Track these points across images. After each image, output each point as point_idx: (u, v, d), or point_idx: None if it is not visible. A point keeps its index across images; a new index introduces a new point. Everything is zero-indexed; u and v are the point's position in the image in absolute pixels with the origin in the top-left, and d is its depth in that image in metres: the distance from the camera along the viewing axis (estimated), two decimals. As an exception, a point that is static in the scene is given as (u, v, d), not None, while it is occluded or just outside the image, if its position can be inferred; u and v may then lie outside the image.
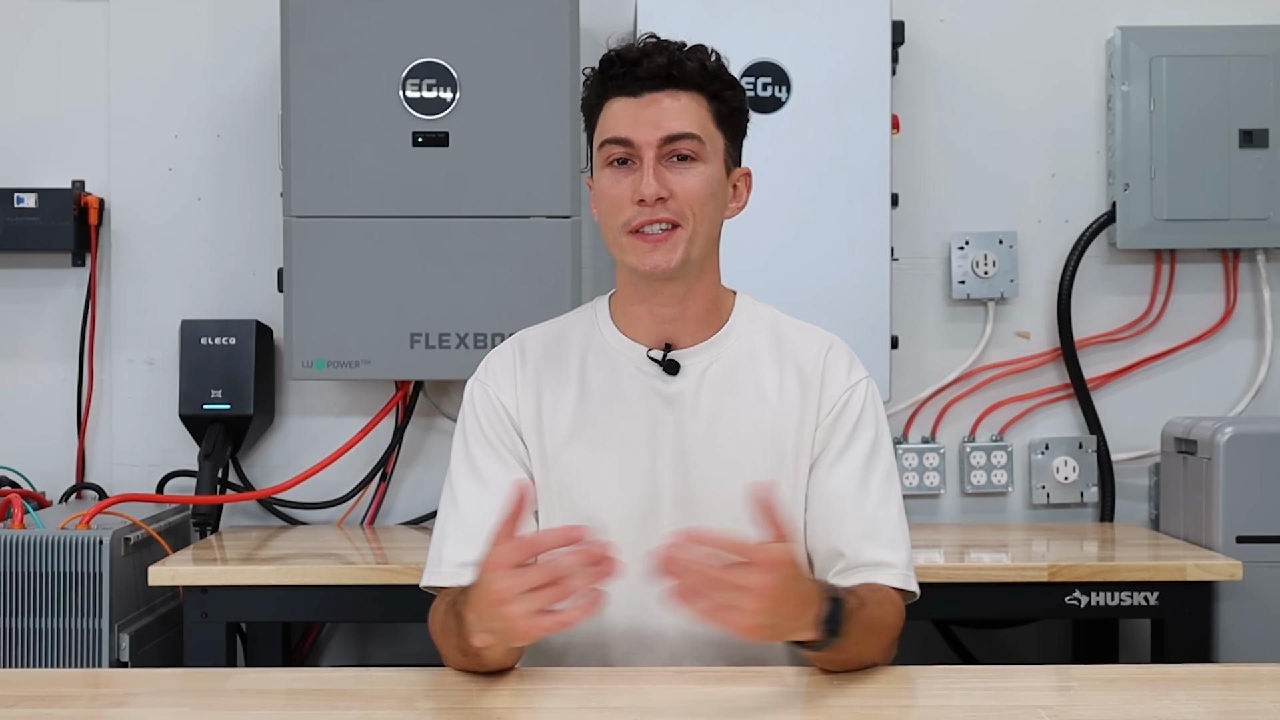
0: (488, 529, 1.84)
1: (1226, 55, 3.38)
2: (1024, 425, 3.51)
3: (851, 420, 2.05)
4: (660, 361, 2.04)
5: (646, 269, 1.96)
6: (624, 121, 1.96)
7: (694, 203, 1.96)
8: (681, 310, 2.03)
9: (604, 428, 2.03)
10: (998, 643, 3.52)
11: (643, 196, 1.93)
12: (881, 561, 2.00)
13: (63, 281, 3.48)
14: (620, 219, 1.96)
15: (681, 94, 1.97)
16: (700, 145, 1.97)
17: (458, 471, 2.06)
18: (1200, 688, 1.90)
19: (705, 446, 2.02)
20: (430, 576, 2.03)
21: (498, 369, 2.09)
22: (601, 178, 1.99)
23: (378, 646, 3.55)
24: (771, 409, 2.04)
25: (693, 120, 1.97)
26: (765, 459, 2.02)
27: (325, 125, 3.16)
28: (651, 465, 2.02)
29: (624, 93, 1.97)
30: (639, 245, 1.96)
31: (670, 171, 1.96)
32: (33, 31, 3.48)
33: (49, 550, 2.85)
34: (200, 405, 3.34)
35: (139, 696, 1.88)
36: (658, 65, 1.95)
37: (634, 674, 1.95)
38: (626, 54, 1.97)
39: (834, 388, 2.05)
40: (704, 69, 1.98)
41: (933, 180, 3.48)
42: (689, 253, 1.97)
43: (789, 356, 2.06)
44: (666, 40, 2.00)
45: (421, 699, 1.83)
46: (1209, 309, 3.50)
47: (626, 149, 1.96)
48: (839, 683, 1.89)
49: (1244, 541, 3.00)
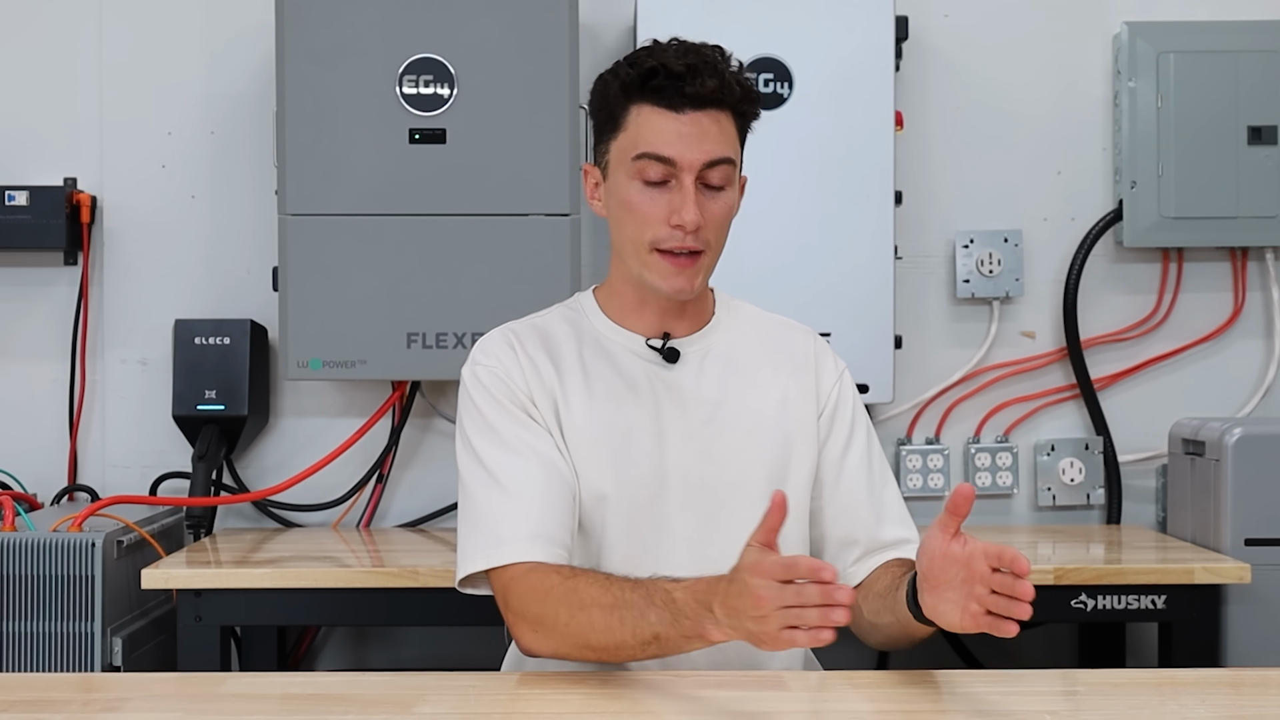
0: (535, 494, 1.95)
1: (1235, 51, 3.37)
2: (1029, 426, 3.50)
3: (848, 410, 2.15)
4: (660, 350, 2.09)
5: (668, 290, 2.02)
6: (666, 138, 1.97)
7: (718, 229, 2.02)
8: (680, 309, 2.11)
9: (610, 413, 2.06)
10: (1003, 646, 3.50)
11: (682, 223, 1.97)
12: (901, 539, 2.10)
13: (54, 280, 3.47)
14: (649, 235, 2.00)
15: (722, 115, 2.00)
16: (733, 170, 2.02)
17: (487, 454, 2.02)
18: (1208, 692, 1.90)
19: (712, 429, 2.07)
20: (489, 558, 1.97)
21: (497, 351, 2.09)
22: (631, 190, 2.00)
23: (374, 650, 3.55)
24: (769, 393, 2.11)
25: (729, 144, 2.01)
26: (770, 439, 2.09)
27: (321, 122, 3.15)
28: (659, 449, 2.05)
29: (664, 105, 1.97)
30: (663, 266, 2.00)
31: (704, 196, 2.00)
32: (24, 26, 3.47)
33: (40, 553, 2.83)
34: (194, 406, 3.33)
35: (131, 701, 1.88)
36: (710, 89, 1.96)
37: (633, 677, 1.95)
38: (671, 65, 1.97)
39: (827, 376, 2.15)
40: (744, 90, 2.01)
41: (937, 177, 3.47)
42: (706, 277, 2.06)
43: (779, 346, 2.15)
44: (704, 49, 2.00)
45: (419, 704, 1.83)
46: (1217, 308, 3.49)
47: (667, 168, 1.98)
48: (840, 687, 1.89)
49: (1253, 544, 2.99)
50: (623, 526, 2.03)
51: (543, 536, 1.96)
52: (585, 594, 1.88)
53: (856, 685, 1.89)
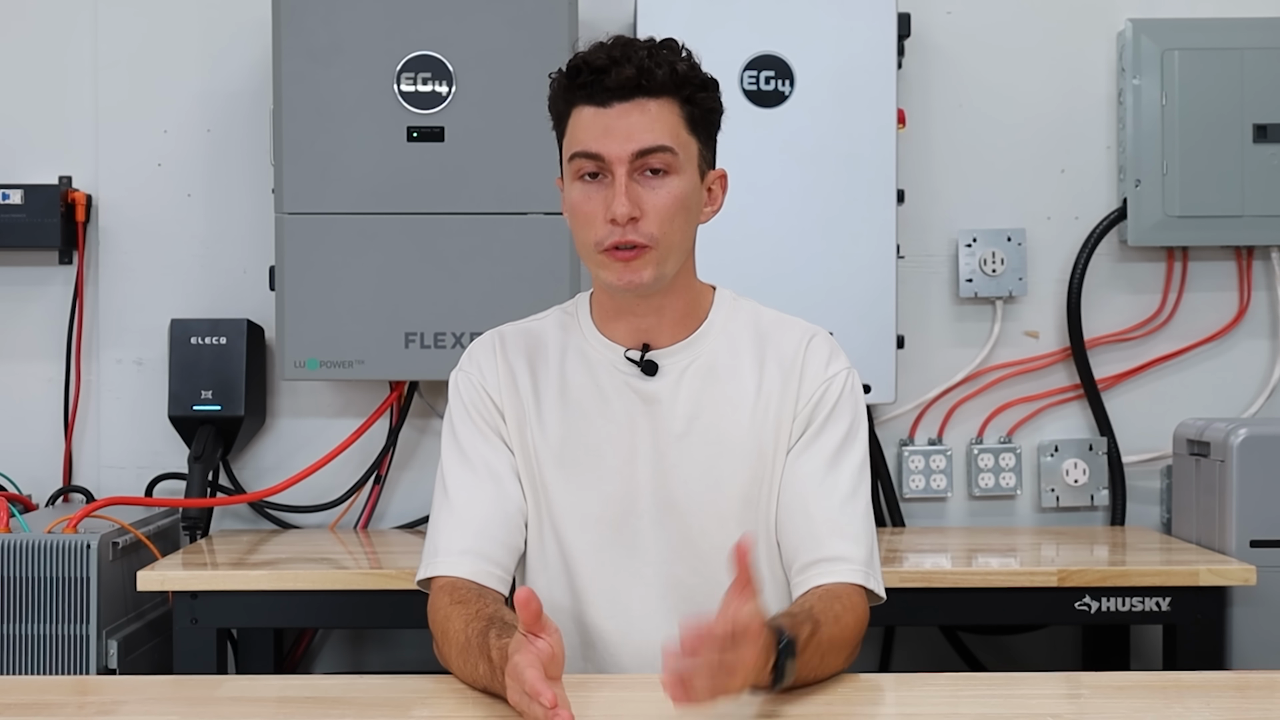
0: (478, 511, 1.99)
1: (1240, 48, 3.36)
2: (1033, 427, 3.49)
3: (825, 410, 2.05)
4: (638, 362, 2.04)
5: (621, 285, 1.96)
6: (593, 134, 1.94)
7: (664, 220, 1.95)
8: (658, 315, 2.04)
9: (582, 428, 2.04)
10: (1006, 649, 3.51)
11: (614, 216, 1.92)
12: (839, 556, 1.99)
13: (49, 280, 3.46)
14: (593, 236, 1.96)
15: (651, 103, 1.94)
16: (673, 157, 1.95)
17: (447, 465, 2.07)
18: (1213, 695, 1.89)
19: (684, 447, 2.03)
20: (426, 569, 2.02)
21: (481, 358, 2.10)
22: (573, 190, 1.98)
23: (372, 653, 3.54)
24: (751, 406, 2.04)
25: (664, 131, 1.95)
26: (744, 459, 2.03)
27: (318, 120, 3.16)
28: (630, 466, 2.03)
29: (592, 102, 1.95)
30: (611, 264, 1.96)
31: (642, 187, 1.94)
32: (18, 22, 3.46)
33: (35, 554, 2.83)
34: (190, 406, 3.33)
35: (127, 705, 1.87)
36: (626, 77, 1.92)
37: (624, 681, 1.95)
38: (594, 60, 1.94)
39: (812, 379, 2.06)
40: (674, 73, 1.95)
41: (939, 176, 3.46)
42: (660, 270, 1.97)
43: (770, 349, 2.07)
44: (635, 42, 1.97)
45: (417, 707, 1.82)
46: (1222, 308, 3.48)
47: (597, 163, 1.95)
48: (842, 690, 1.88)
49: (1258, 546, 2.99)
50: (592, 544, 2.03)
51: (472, 552, 1.99)
52: (452, 626, 1.91)
53: (858, 689, 1.89)
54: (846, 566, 1.98)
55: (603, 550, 2.02)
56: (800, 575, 2.00)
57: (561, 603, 2.04)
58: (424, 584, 2.04)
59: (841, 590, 1.96)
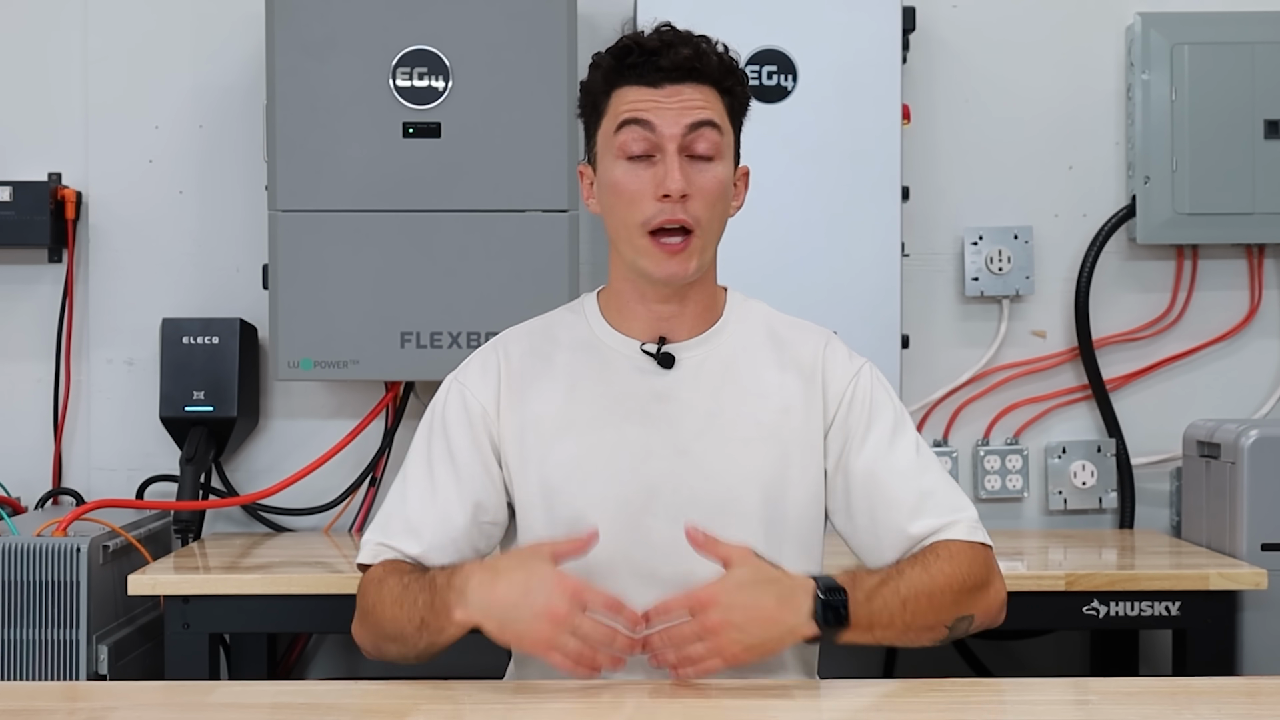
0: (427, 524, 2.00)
1: (1251, 43, 3.36)
2: (1040, 428, 3.49)
3: (864, 408, 2.06)
4: (655, 355, 2.04)
5: (662, 276, 1.98)
6: (645, 107, 1.97)
7: (709, 204, 1.99)
8: (680, 307, 2.05)
9: (594, 425, 2.04)
10: (1013, 654, 3.50)
11: (668, 191, 1.94)
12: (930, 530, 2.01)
13: (39, 278, 3.45)
14: (640, 216, 1.97)
15: (701, 87, 1.99)
16: (720, 137, 1.99)
17: (415, 458, 2.09)
18: (1224, 701, 1.89)
19: (703, 441, 2.03)
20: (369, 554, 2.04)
21: (477, 373, 2.11)
22: (616, 169, 1.99)
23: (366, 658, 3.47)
24: (771, 403, 2.05)
25: (714, 111, 2.00)
26: (766, 454, 2.03)
27: (312, 116, 3.16)
28: (645, 463, 2.02)
29: (642, 82, 1.98)
30: (655, 252, 1.97)
31: (691, 168, 1.98)
32: (6, 16, 3.46)
33: (24, 558, 2.83)
34: (182, 407, 3.32)
35: (118, 711, 1.87)
36: (683, 57, 1.97)
37: (628, 686, 1.95)
38: (646, 42, 1.99)
39: (837, 381, 2.07)
40: (723, 63, 2.01)
41: (945, 173, 3.46)
42: (702, 259, 2.00)
43: (786, 351, 2.08)
44: (683, 31, 2.01)
45: (413, 713, 1.82)
46: (1233, 307, 3.47)
47: (648, 136, 1.96)
48: (845, 696, 1.90)
49: (1269, 549, 2.98)
50: (606, 545, 2.01)
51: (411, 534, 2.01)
52: (387, 585, 1.95)
53: (862, 695, 1.90)
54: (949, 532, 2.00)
55: (617, 550, 2.01)
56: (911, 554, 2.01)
57: None
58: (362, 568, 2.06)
59: (945, 547, 1.98)
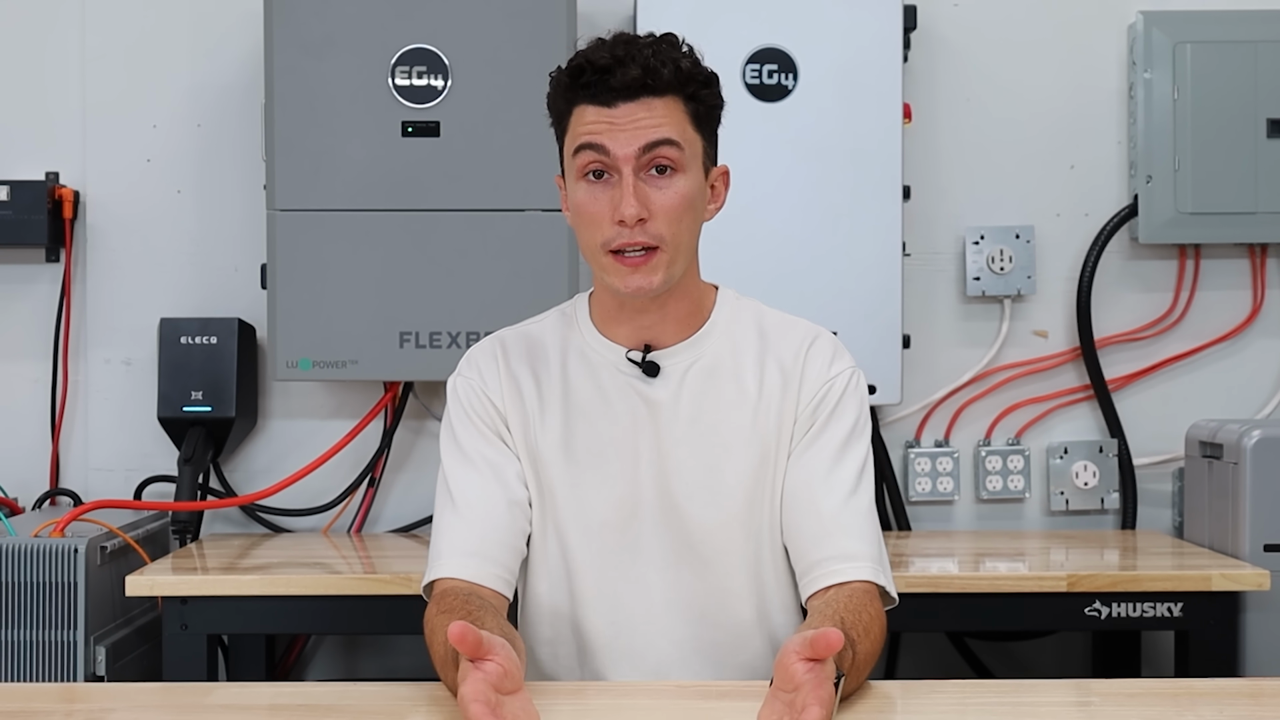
0: (482, 511, 1.99)
1: (1253, 41, 3.35)
2: (1042, 428, 3.48)
3: (827, 410, 2.04)
4: (639, 363, 2.04)
5: (628, 291, 1.96)
6: (599, 129, 1.94)
7: (672, 220, 1.95)
8: (661, 315, 2.04)
9: (585, 431, 2.04)
10: (1014, 656, 3.50)
11: (622, 217, 1.92)
12: (847, 553, 1.98)
13: (36, 278, 3.45)
14: (599, 238, 1.95)
15: (657, 101, 1.95)
16: (679, 152, 1.95)
17: (450, 468, 2.07)
18: (1226, 703, 1.88)
19: (686, 449, 2.02)
20: (430, 572, 2.02)
21: (481, 364, 2.10)
22: (577, 190, 1.97)
23: (365, 660, 3.54)
24: (753, 407, 2.04)
25: (671, 127, 1.95)
26: (747, 461, 2.03)
27: (311, 114, 3.15)
28: (633, 469, 2.03)
29: (596, 101, 1.95)
30: (619, 268, 1.96)
31: (649, 186, 1.94)
32: (3, 15, 3.45)
33: (21, 559, 2.83)
34: (180, 407, 3.32)
35: (115, 713, 1.86)
36: (632, 77, 1.92)
37: (621, 688, 1.96)
38: (597, 60, 1.94)
39: (813, 381, 2.05)
40: (678, 71, 1.96)
41: (946, 172, 3.45)
42: (670, 272, 1.97)
43: (771, 350, 2.07)
44: (637, 39, 1.96)
45: (412, 715, 1.81)
46: (1235, 306, 3.47)
47: (603, 158, 1.93)
48: None
49: (1272, 550, 2.98)
50: (594, 549, 2.03)
51: (476, 555, 1.99)
52: (435, 639, 1.90)
53: (863, 696, 1.87)
54: (855, 564, 1.97)
55: (605, 555, 2.02)
56: (809, 574, 2.00)
57: (561, 608, 2.04)
58: (426, 590, 2.03)
59: (861, 596, 1.94)
